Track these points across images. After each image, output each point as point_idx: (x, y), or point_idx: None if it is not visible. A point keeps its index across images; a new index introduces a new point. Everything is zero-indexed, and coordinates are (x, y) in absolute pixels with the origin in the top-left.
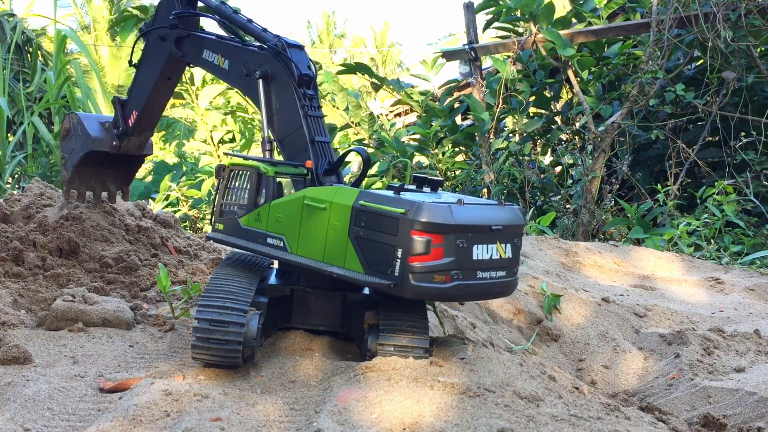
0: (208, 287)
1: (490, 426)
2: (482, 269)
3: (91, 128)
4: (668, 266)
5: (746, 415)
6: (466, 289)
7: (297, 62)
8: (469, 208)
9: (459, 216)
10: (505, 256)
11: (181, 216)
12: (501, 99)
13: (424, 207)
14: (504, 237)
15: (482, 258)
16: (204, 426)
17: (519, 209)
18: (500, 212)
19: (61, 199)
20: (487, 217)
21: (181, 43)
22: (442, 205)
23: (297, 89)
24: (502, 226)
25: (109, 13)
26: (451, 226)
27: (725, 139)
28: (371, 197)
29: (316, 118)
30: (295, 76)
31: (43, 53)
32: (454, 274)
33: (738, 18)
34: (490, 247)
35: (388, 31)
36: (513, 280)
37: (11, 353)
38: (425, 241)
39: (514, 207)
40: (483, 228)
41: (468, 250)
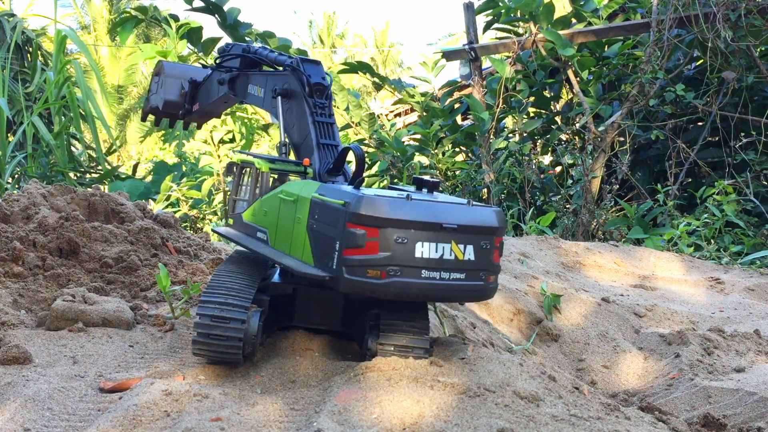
0: (210, 283)
1: (490, 426)
2: (429, 269)
3: (170, 90)
4: (668, 266)
5: (746, 415)
6: (405, 287)
7: (311, 74)
8: (417, 203)
9: (398, 210)
10: (464, 258)
11: (182, 216)
12: (501, 99)
13: (362, 199)
14: (463, 238)
15: (429, 257)
16: (204, 426)
17: (496, 212)
18: (462, 212)
19: None
20: (437, 215)
21: (234, 83)
22: (382, 199)
23: (308, 99)
24: (457, 225)
25: (109, 13)
26: (387, 219)
27: (725, 139)
28: (326, 190)
29: (326, 124)
30: (307, 88)
31: (43, 53)
32: (391, 271)
33: (738, 18)
34: (441, 246)
35: (389, 31)
36: (479, 284)
37: (11, 353)
38: (360, 233)
39: (488, 209)
40: (430, 225)
41: (409, 246)
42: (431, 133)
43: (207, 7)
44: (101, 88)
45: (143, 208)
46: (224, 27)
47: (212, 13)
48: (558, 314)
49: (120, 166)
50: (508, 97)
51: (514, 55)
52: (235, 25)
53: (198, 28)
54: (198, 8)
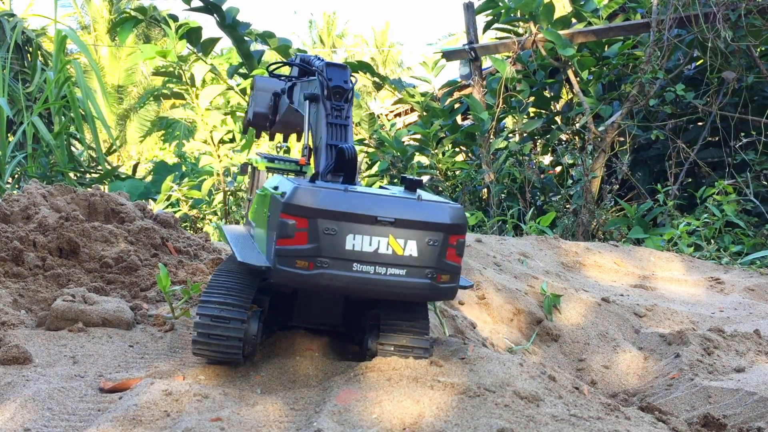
0: (210, 283)
1: (490, 426)
2: (361, 262)
3: (260, 102)
4: (668, 266)
5: (746, 415)
6: (334, 279)
7: (333, 78)
8: (353, 195)
9: (329, 202)
10: (404, 254)
11: (182, 216)
12: (501, 99)
13: (295, 190)
14: (403, 233)
15: (361, 250)
16: (204, 426)
17: (451, 208)
18: (406, 206)
19: None
20: (373, 208)
21: (291, 91)
22: (314, 190)
23: (325, 101)
24: (395, 219)
25: (109, 13)
26: (315, 210)
27: (725, 139)
28: (281, 183)
29: (341, 126)
30: (326, 90)
31: (43, 53)
32: (319, 262)
33: (738, 18)
34: (376, 240)
35: (389, 31)
36: (424, 283)
37: (11, 353)
38: (290, 224)
39: (443, 205)
40: (363, 217)
41: (339, 238)
42: (431, 133)
43: (205, 6)
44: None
45: (143, 208)
46: (223, 27)
47: (211, 13)
48: (558, 314)
49: (120, 166)
50: (508, 97)
51: (514, 55)
52: (234, 24)
53: (197, 28)
54: (196, 8)
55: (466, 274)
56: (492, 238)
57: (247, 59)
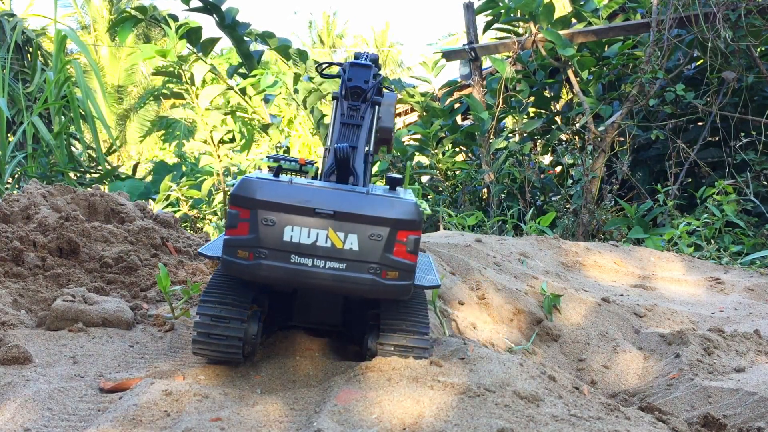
0: (210, 283)
1: (490, 426)
2: (299, 254)
3: (387, 118)
4: (668, 266)
5: (746, 415)
6: (272, 270)
7: (353, 77)
8: (295, 188)
9: (269, 193)
10: (344, 247)
11: (182, 216)
12: (501, 99)
13: (241, 182)
14: (344, 226)
15: (299, 242)
16: (204, 426)
17: (402, 203)
18: (348, 199)
19: None
20: (312, 200)
21: None
22: (257, 181)
23: (342, 101)
24: (334, 211)
25: (109, 13)
26: (257, 201)
27: (725, 139)
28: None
29: (353, 126)
30: (343, 90)
31: (43, 53)
32: (258, 253)
33: (738, 18)
34: (315, 232)
35: (389, 31)
36: (366, 278)
37: (11, 353)
38: (233, 214)
39: (393, 200)
40: (301, 209)
41: (277, 229)
42: (431, 133)
43: (205, 7)
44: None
45: (143, 208)
46: (222, 27)
47: (210, 13)
48: (558, 314)
49: (120, 166)
50: (508, 97)
51: (514, 55)
52: (233, 24)
53: (197, 28)
54: (196, 8)
55: (466, 274)
56: (492, 238)
57: (247, 59)
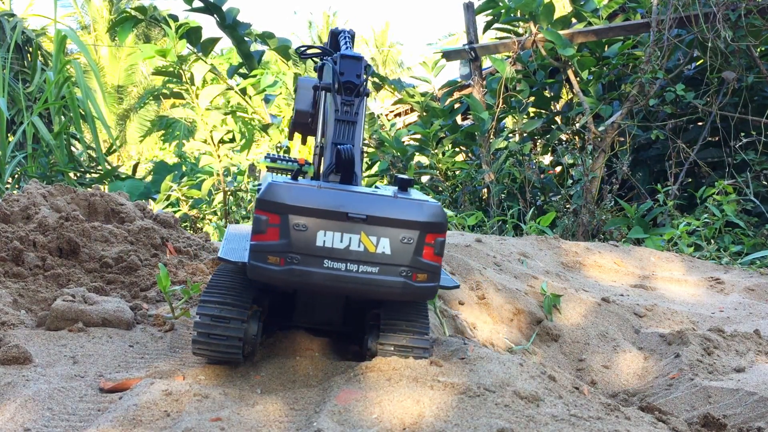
0: (210, 283)
1: (490, 426)
2: (332, 259)
3: (300, 100)
4: (668, 266)
5: (746, 415)
6: (305, 276)
7: (345, 71)
8: (326, 192)
9: (300, 198)
10: (377, 251)
11: (182, 216)
12: (501, 99)
13: (269, 187)
14: (376, 230)
15: (332, 246)
16: (204, 426)
17: (429, 206)
18: (379, 203)
19: None
20: (345, 204)
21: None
22: (287, 186)
23: (335, 96)
24: (366, 215)
25: (109, 13)
26: (288, 206)
27: (725, 139)
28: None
29: (348, 123)
30: (336, 84)
31: (43, 53)
32: (290, 258)
33: (738, 18)
34: (348, 237)
35: (389, 31)
36: (397, 281)
37: (11, 353)
38: (262, 219)
39: (420, 203)
40: (334, 214)
41: (310, 234)
42: (431, 133)
43: (206, 7)
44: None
45: (143, 208)
46: (223, 27)
47: (211, 13)
48: (558, 314)
49: (120, 166)
50: (508, 97)
51: (514, 55)
52: (234, 25)
53: (197, 28)
54: (197, 8)
55: (466, 274)
56: (492, 238)
57: (247, 59)
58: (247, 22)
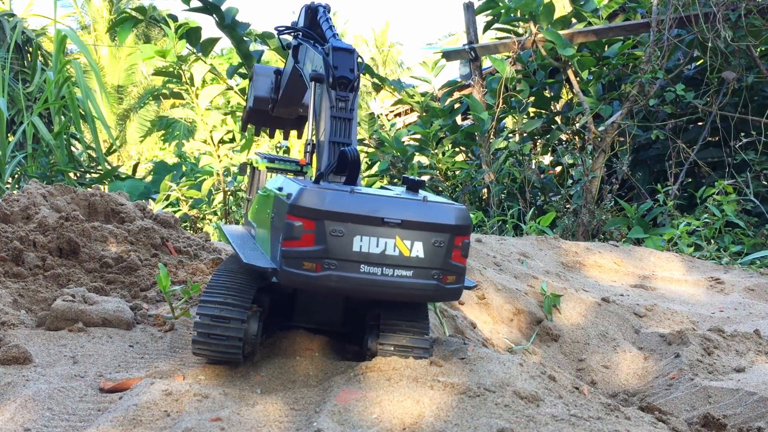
0: (210, 283)
1: (490, 426)
2: (369, 263)
3: (258, 87)
4: (668, 266)
5: (746, 415)
6: (342, 281)
7: (339, 65)
8: (360, 197)
9: (336, 203)
10: (411, 255)
11: (182, 216)
12: (501, 99)
13: (301, 192)
14: (409, 234)
15: (368, 251)
16: (204, 426)
17: (456, 209)
18: (411, 207)
19: None
20: (380, 209)
21: (296, 51)
22: (321, 192)
23: (330, 91)
24: (401, 220)
25: (109, 13)
26: (322, 212)
27: (725, 139)
28: (285, 184)
29: (344, 120)
30: (330, 78)
31: (43, 53)
32: (327, 264)
33: (738, 18)
34: (383, 241)
35: (389, 31)
36: (430, 284)
37: (11, 353)
38: (297, 225)
39: (448, 206)
40: (370, 219)
41: (346, 240)
42: (431, 133)
43: (205, 7)
44: (101, 88)
45: (143, 208)
46: (222, 27)
47: (210, 13)
48: (558, 314)
49: (120, 166)
50: (508, 97)
51: (514, 55)
52: (233, 25)
53: (197, 28)
54: (196, 8)
55: (466, 274)
56: (492, 238)
57: (247, 59)
58: (246, 22)
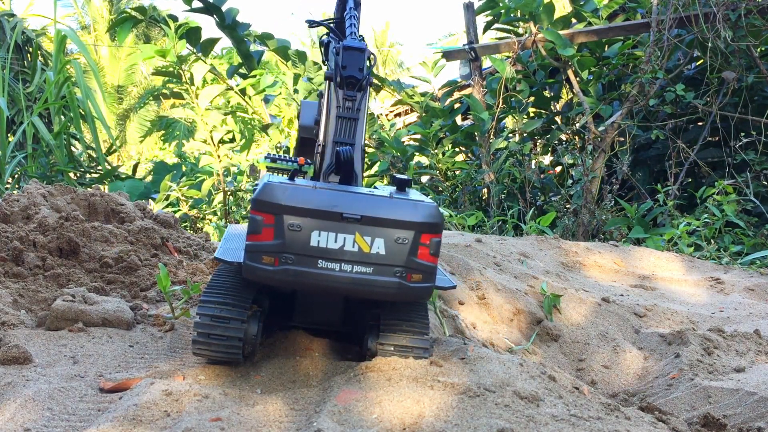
0: (210, 283)
1: (490, 426)
2: (326, 259)
3: (303, 116)
4: (668, 266)
5: (746, 415)
6: (299, 276)
7: (348, 64)
8: (321, 192)
9: (295, 198)
10: (371, 251)
11: (182, 216)
12: (501, 99)
13: (264, 187)
14: (371, 230)
15: (326, 247)
16: (204, 426)
17: (424, 206)
18: (374, 203)
19: None
20: (339, 204)
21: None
22: (282, 186)
23: (337, 90)
24: (361, 216)
25: (109, 13)
26: (280, 206)
27: (725, 139)
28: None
29: (349, 120)
30: (338, 78)
31: (43, 53)
32: (284, 258)
33: (738, 18)
34: (342, 237)
35: (389, 31)
36: (392, 282)
37: (11, 353)
38: (258, 220)
39: (416, 203)
40: (328, 214)
41: (304, 234)
42: (431, 133)
43: (205, 7)
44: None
45: (143, 208)
46: (222, 27)
47: (210, 14)
48: (558, 314)
49: (120, 166)
50: (508, 97)
51: (514, 55)
52: (233, 25)
53: (197, 28)
54: (196, 9)
55: (466, 274)
56: (492, 238)
57: (247, 59)
58: (246, 22)
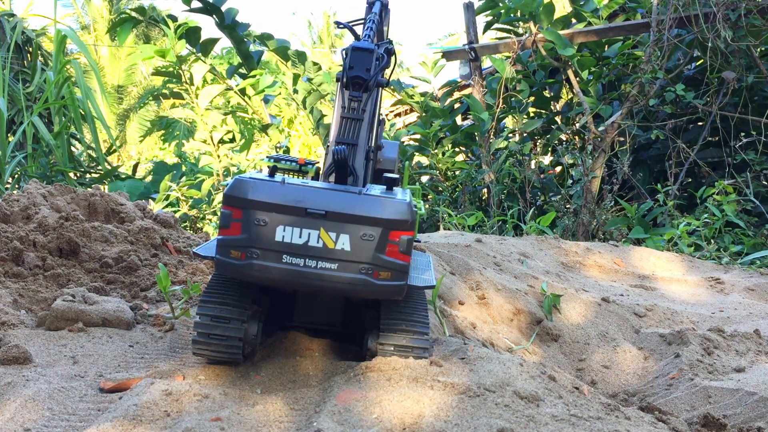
0: (210, 283)
1: (490, 426)
2: (291, 254)
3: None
4: (668, 266)
5: (746, 415)
6: (265, 270)
7: (355, 65)
8: (287, 188)
9: (261, 193)
10: (336, 247)
11: (181, 216)
12: (501, 99)
13: (234, 182)
14: (336, 226)
15: (291, 242)
16: (204, 426)
17: (393, 203)
18: (340, 199)
19: None
20: (304, 200)
21: None
22: (250, 181)
23: (343, 91)
24: (325, 211)
25: (109, 13)
26: (247, 201)
27: (725, 139)
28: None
29: (353, 121)
30: (344, 78)
31: (43, 53)
32: (250, 252)
33: (738, 18)
34: (306, 232)
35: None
36: (358, 278)
37: (11, 353)
38: (227, 214)
39: (385, 200)
40: (293, 209)
41: (269, 229)
42: (431, 133)
43: (204, 7)
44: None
45: (143, 208)
46: (222, 27)
47: (210, 14)
48: (558, 314)
49: (120, 166)
50: (508, 97)
51: (514, 55)
52: (233, 25)
53: (196, 28)
54: (196, 9)
55: (466, 274)
56: (492, 238)
57: (247, 59)
58: (246, 22)
